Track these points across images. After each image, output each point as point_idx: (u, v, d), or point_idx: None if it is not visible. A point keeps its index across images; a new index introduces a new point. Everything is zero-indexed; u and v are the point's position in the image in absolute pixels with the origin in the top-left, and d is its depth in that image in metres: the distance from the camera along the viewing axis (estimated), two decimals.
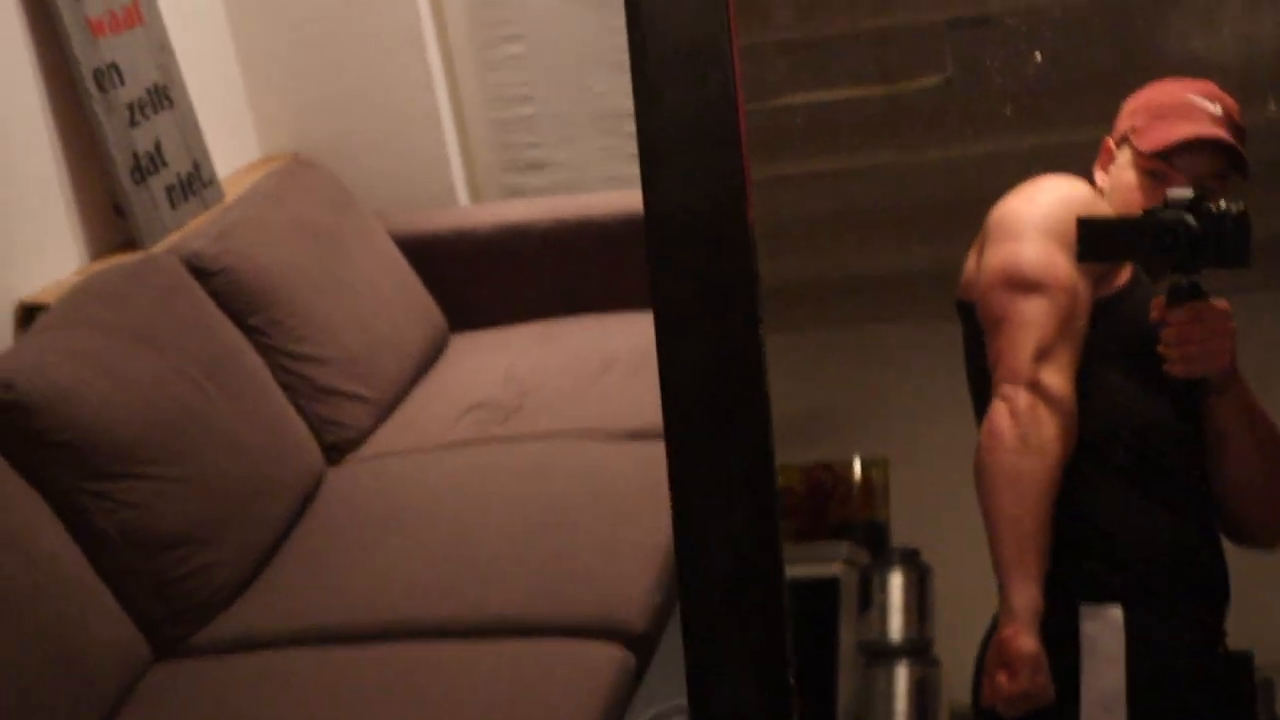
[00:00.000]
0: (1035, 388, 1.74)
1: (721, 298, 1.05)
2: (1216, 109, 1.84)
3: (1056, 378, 1.75)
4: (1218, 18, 2.01)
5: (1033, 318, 1.79)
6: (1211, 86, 1.86)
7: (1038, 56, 1.91)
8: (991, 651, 1.69)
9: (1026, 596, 1.67)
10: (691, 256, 1.04)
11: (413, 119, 3.68)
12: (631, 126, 3.77)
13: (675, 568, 1.06)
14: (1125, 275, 1.87)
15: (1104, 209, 1.92)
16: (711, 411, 1.05)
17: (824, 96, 3.04)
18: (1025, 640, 1.66)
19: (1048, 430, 1.73)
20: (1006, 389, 1.76)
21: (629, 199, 3.46)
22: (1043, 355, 1.77)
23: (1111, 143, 1.92)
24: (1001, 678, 1.67)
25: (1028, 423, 1.73)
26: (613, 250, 3.42)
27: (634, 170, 3.79)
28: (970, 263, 1.91)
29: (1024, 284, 1.82)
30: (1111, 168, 1.91)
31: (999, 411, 1.76)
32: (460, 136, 3.80)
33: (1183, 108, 1.83)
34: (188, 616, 2.45)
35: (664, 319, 1.05)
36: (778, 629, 1.05)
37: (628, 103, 3.86)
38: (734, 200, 1.03)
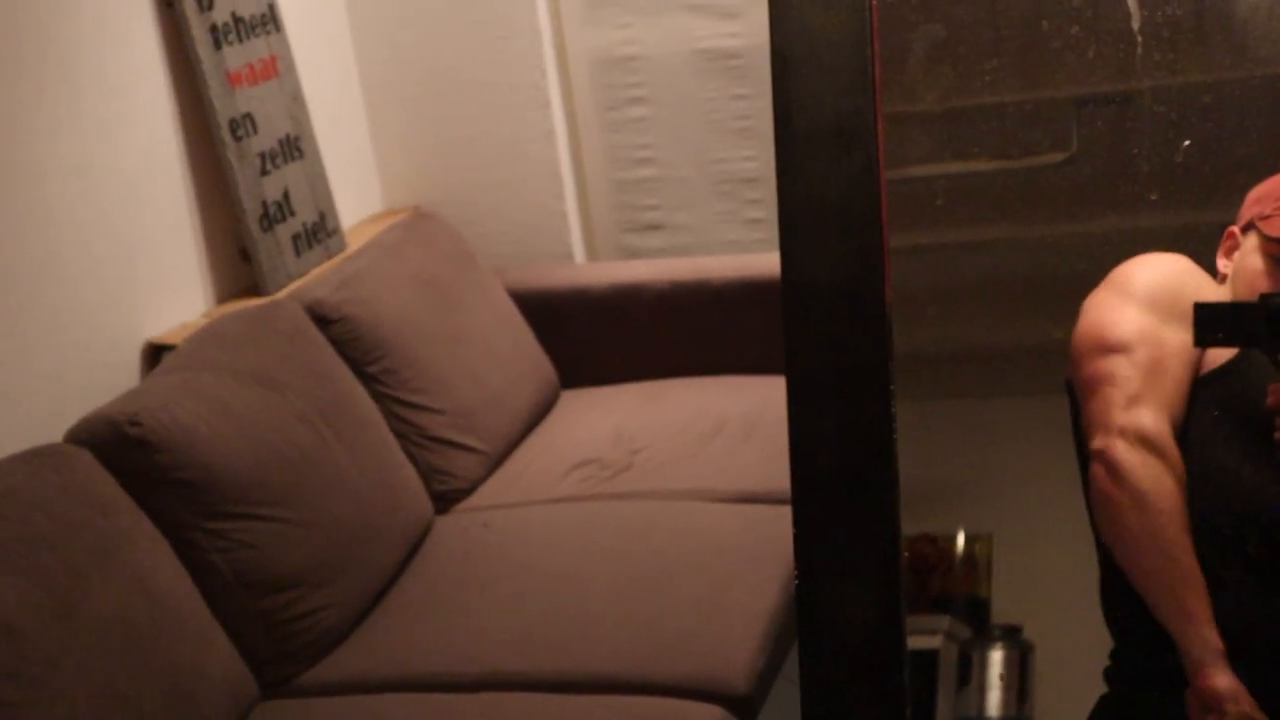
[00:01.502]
0: (1127, 433, 1.73)
1: (856, 373, 1.06)
2: None
3: (1149, 417, 1.73)
4: None
5: (1116, 372, 1.78)
6: None
7: (1186, 143, 1.90)
8: (1191, 704, 1.67)
9: (1200, 641, 1.65)
10: (828, 330, 1.06)
11: (534, 176, 3.74)
12: (750, 192, 3.84)
13: (799, 639, 1.06)
14: (1231, 350, 1.85)
15: (1195, 276, 1.89)
16: (841, 486, 1.06)
17: (947, 169, 3.04)
18: (1219, 679, 1.63)
19: (1154, 470, 1.70)
20: (1098, 445, 1.74)
21: (745, 263, 3.48)
22: (1131, 403, 1.75)
23: (1236, 230, 1.91)
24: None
25: (1131, 471, 1.71)
26: (727, 314, 3.44)
27: (750, 235, 3.86)
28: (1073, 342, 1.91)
29: (1104, 346, 1.82)
30: (1236, 254, 1.90)
31: (1098, 474, 1.75)
32: (580, 195, 3.85)
33: None
34: (296, 657, 2.49)
35: (797, 390, 1.07)
36: (899, 705, 1.06)
37: (747, 168, 3.94)
38: (872, 277, 1.04)
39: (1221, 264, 1.92)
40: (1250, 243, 1.87)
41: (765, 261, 3.46)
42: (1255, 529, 1.81)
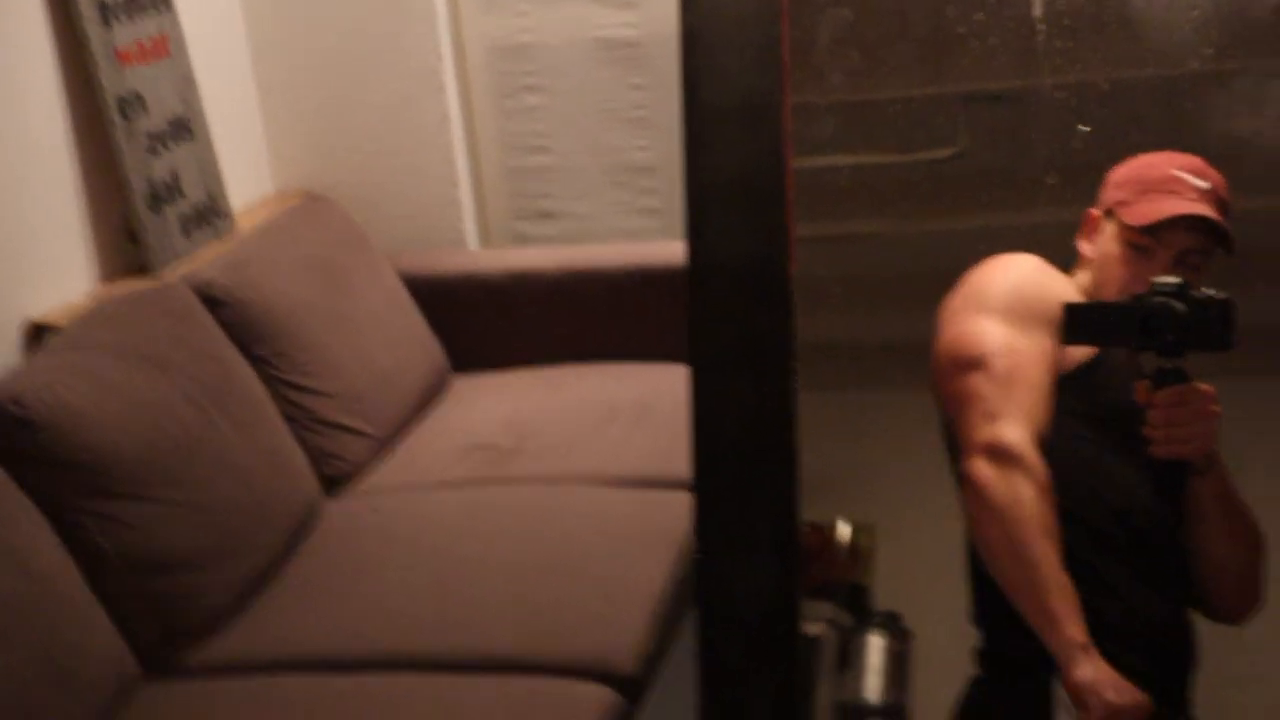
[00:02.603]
0: (987, 450, 1.76)
1: (758, 351, 1.07)
2: (1204, 184, 1.86)
3: (1007, 429, 1.76)
4: (1262, 100, 2.03)
5: (973, 391, 1.80)
6: (1199, 162, 1.88)
7: (1085, 128, 1.93)
8: (1068, 699, 1.69)
9: (1063, 641, 1.68)
10: (731, 306, 1.07)
11: (428, 162, 3.72)
12: (644, 181, 3.86)
13: (697, 614, 1.08)
14: (1091, 350, 1.89)
15: (1048, 276, 1.93)
16: (741, 462, 1.08)
17: (837, 161, 3.08)
18: (1080, 671, 1.66)
19: (1011, 482, 1.73)
20: (967, 465, 1.77)
21: (638, 252, 3.50)
22: (989, 419, 1.77)
23: (1097, 214, 1.94)
24: (1080, 717, 1.67)
25: (988, 487, 1.74)
26: (619, 301, 3.46)
27: (644, 224, 3.88)
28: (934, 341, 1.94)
29: (961, 363, 1.84)
30: (1097, 238, 1.93)
31: (966, 491, 1.78)
32: (474, 181, 3.84)
33: (1170, 182, 1.85)
34: (180, 638, 2.47)
35: (700, 367, 1.08)
36: (791, 682, 1.07)
37: (642, 158, 3.96)
38: (777, 254, 1.05)
39: (1083, 248, 1.95)
40: (1110, 229, 1.90)
41: (659, 250, 3.48)
42: (1126, 522, 1.85)
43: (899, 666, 2.84)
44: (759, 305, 1.11)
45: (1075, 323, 1.76)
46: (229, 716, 2.30)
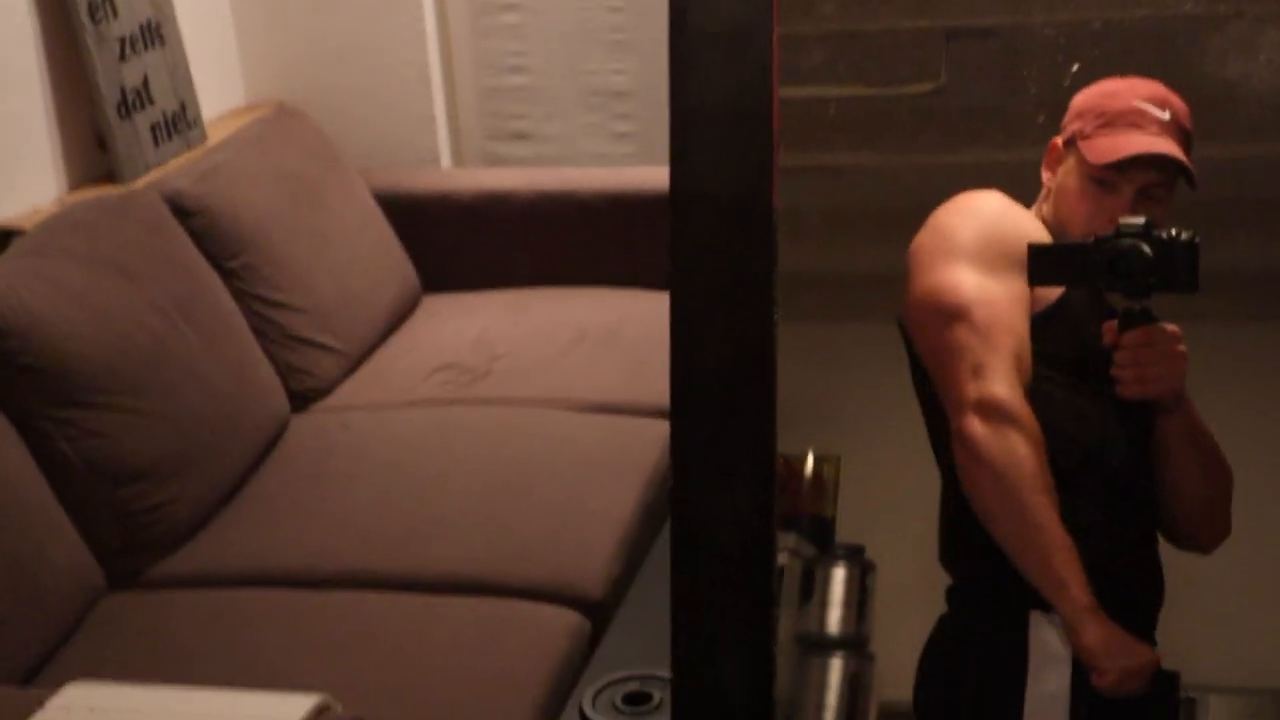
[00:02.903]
0: (978, 406, 1.75)
1: (739, 276, 1.06)
2: (1165, 115, 1.83)
3: (997, 385, 1.75)
4: (1255, 46, 2.02)
5: (957, 343, 1.79)
6: (1160, 89, 1.86)
7: (1075, 67, 1.91)
8: (1053, 645, 1.71)
9: (1070, 603, 1.68)
10: (714, 233, 1.06)
11: (402, 78, 3.68)
12: (619, 106, 3.83)
13: (671, 541, 1.08)
14: (1057, 290, 1.88)
15: (1014, 214, 1.92)
16: (720, 390, 1.07)
17: (821, 93, 3.06)
18: (1090, 635, 1.66)
19: (1007, 440, 1.73)
20: (955, 425, 1.77)
21: (612, 176, 3.48)
22: (977, 373, 1.76)
23: (1060, 142, 1.92)
24: (1095, 679, 1.69)
25: (985, 447, 1.73)
26: (591, 226, 3.44)
27: (618, 149, 3.85)
28: (903, 292, 1.92)
29: (942, 314, 1.82)
30: (1059, 168, 1.91)
31: (958, 451, 1.77)
32: (448, 100, 3.80)
33: (1132, 115, 1.83)
34: (145, 549, 2.45)
35: (680, 293, 1.07)
36: (767, 607, 1.07)
37: (618, 81, 3.93)
38: (761, 182, 1.04)
39: (1046, 177, 1.94)
40: (1071, 161, 1.89)
41: (632, 175, 3.46)
42: (1095, 461, 1.86)
43: (862, 599, 2.85)
44: (742, 233, 1.10)
45: (1040, 265, 1.76)
46: (193, 629, 2.30)
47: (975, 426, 1.73)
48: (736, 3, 1.08)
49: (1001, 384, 1.74)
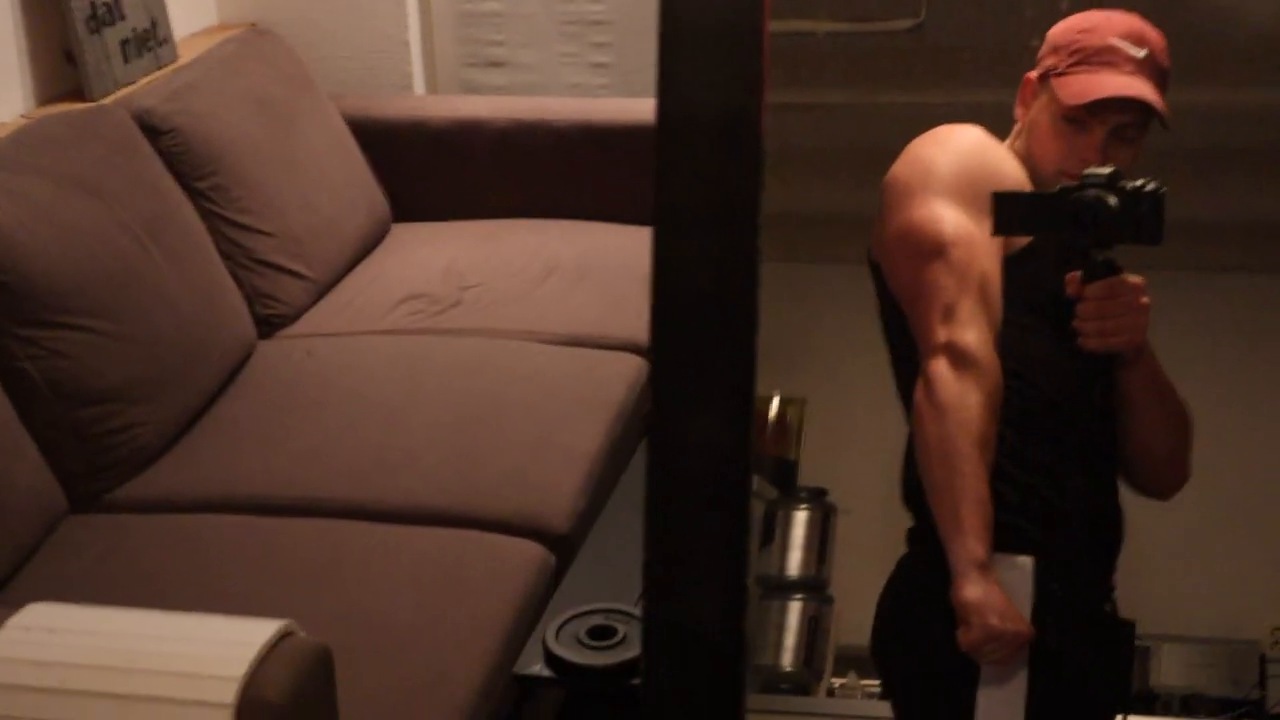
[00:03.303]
0: (947, 350, 1.74)
1: (726, 199, 1.05)
2: (1141, 53, 1.81)
3: (967, 332, 1.74)
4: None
5: (932, 283, 1.78)
6: (1137, 24, 1.84)
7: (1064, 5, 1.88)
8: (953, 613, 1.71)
9: (962, 552, 1.68)
10: (701, 155, 1.04)
11: (377, 2, 3.63)
12: (596, 36, 3.79)
13: (648, 465, 1.07)
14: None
15: (992, 151, 1.90)
16: (702, 313, 1.06)
17: (794, 27, 3.02)
18: (968, 590, 1.66)
19: (962, 385, 1.72)
20: (926, 363, 1.76)
21: (587, 107, 3.44)
22: (948, 316, 1.75)
23: (1034, 77, 1.90)
24: (961, 633, 1.69)
25: (941, 387, 1.73)
26: (566, 157, 3.41)
27: (594, 80, 3.82)
28: (877, 225, 1.91)
29: (918, 251, 1.81)
30: (1033, 103, 1.89)
31: (919, 386, 1.77)
32: (424, 25, 3.75)
33: (1106, 52, 1.81)
34: (107, 472, 2.43)
35: (665, 215, 1.05)
36: (742, 537, 1.07)
37: (595, 10, 3.89)
38: (749, 105, 1.03)
39: (1019, 112, 1.92)
40: (1045, 97, 1.86)
41: (608, 106, 3.43)
42: (1059, 407, 1.86)
43: (823, 543, 2.86)
44: (729, 155, 1.08)
45: (1005, 213, 1.74)
46: (155, 554, 2.28)
47: (940, 368, 1.73)
48: None
49: (970, 330, 1.74)
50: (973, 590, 1.66)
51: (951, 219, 1.80)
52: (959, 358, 1.73)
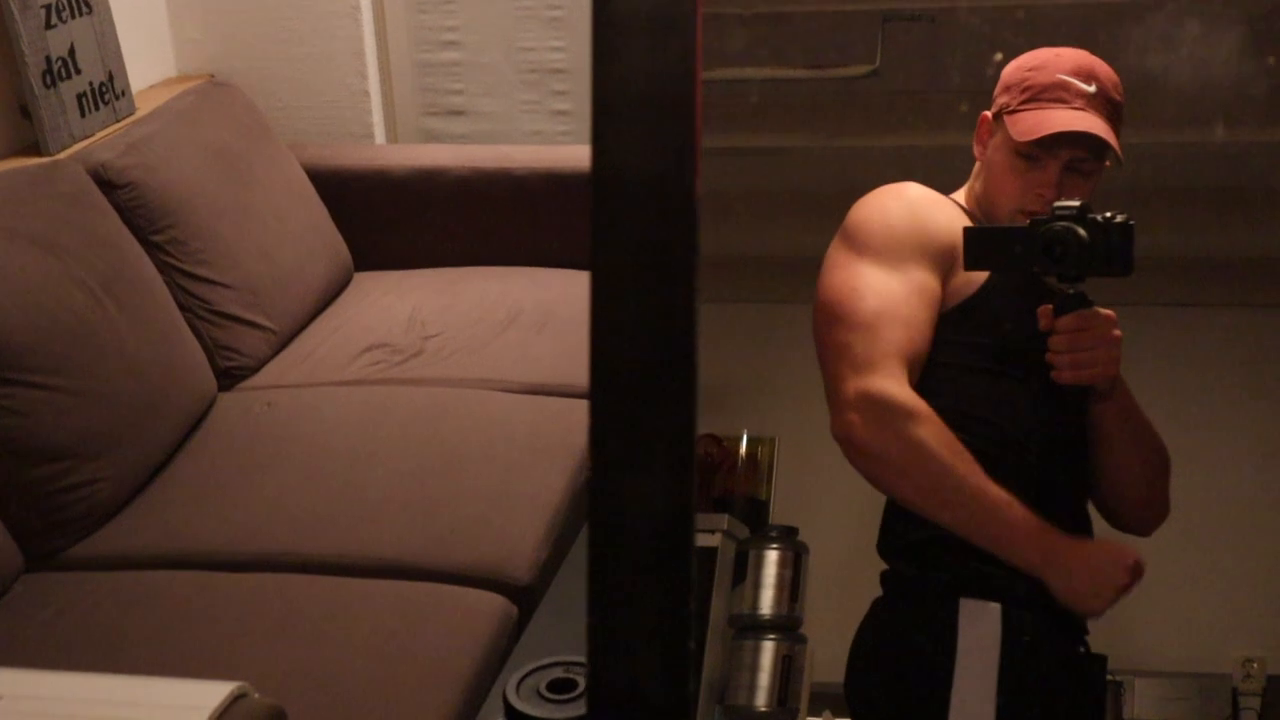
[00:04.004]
0: (861, 405, 1.70)
1: (661, 266, 1.04)
2: (1091, 88, 1.82)
3: (882, 381, 1.71)
4: (1177, 40, 2.01)
5: (841, 343, 1.76)
6: (1086, 60, 1.85)
7: (998, 56, 1.90)
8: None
9: (1026, 549, 1.71)
10: (635, 221, 1.04)
11: (336, 52, 3.63)
12: (556, 84, 3.79)
13: (589, 530, 1.06)
14: (982, 277, 1.87)
15: (929, 206, 1.90)
16: (640, 376, 1.05)
17: (756, 74, 3.04)
18: (1069, 578, 1.69)
19: (905, 431, 1.71)
20: (839, 422, 1.73)
21: (548, 154, 3.45)
22: (859, 370, 1.74)
23: (989, 116, 1.91)
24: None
25: (874, 443, 1.71)
26: (527, 204, 3.41)
27: (554, 127, 3.82)
28: None
29: (829, 315, 1.81)
30: (989, 142, 1.90)
31: (849, 454, 1.74)
32: (383, 74, 3.75)
33: (1055, 88, 1.82)
34: (64, 529, 2.41)
35: (601, 280, 1.05)
36: (684, 599, 1.06)
37: (555, 58, 3.89)
38: (684, 169, 1.02)
39: (977, 151, 1.93)
40: (1000, 135, 1.87)
41: (568, 153, 3.44)
42: (1024, 451, 1.85)
43: (795, 581, 2.85)
44: (662, 219, 1.08)
45: (975, 248, 1.74)
46: (111, 611, 2.25)
47: (855, 426, 1.71)
48: None
49: (884, 378, 1.72)
50: (1067, 569, 1.69)
51: (869, 276, 1.79)
52: (873, 406, 1.71)
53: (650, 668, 1.06)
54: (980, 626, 1.73)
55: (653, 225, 1.06)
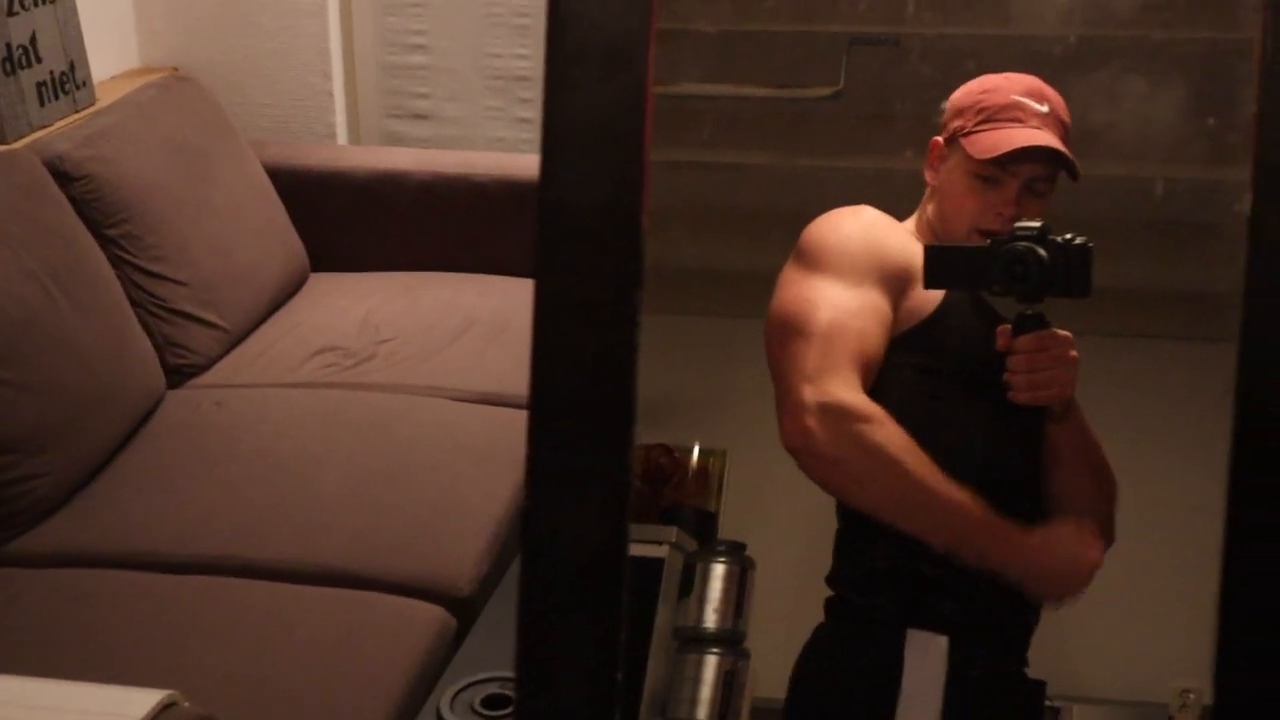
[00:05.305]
0: (818, 411, 1.70)
1: (604, 298, 1.04)
2: (1044, 108, 1.84)
3: (836, 387, 1.72)
4: (1119, 92, 2.03)
5: (795, 354, 1.76)
6: (1036, 83, 1.86)
7: (944, 106, 1.90)
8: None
9: (986, 546, 1.72)
10: (579, 252, 1.04)
11: (301, 50, 3.61)
12: (522, 91, 3.79)
13: (521, 552, 1.06)
14: (933, 303, 1.88)
15: (883, 228, 1.91)
16: (578, 406, 1.05)
17: (718, 91, 3.05)
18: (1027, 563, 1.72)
19: (867, 430, 1.72)
20: (789, 434, 1.73)
21: (511, 162, 3.44)
22: (813, 379, 1.74)
23: (941, 141, 1.92)
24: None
25: (834, 446, 1.71)
26: (487, 211, 3.40)
27: (518, 134, 3.82)
28: None
29: (784, 327, 1.81)
30: (941, 166, 1.91)
31: (805, 462, 1.74)
32: (347, 75, 3.74)
33: (1012, 109, 1.83)
34: (3, 524, 2.38)
35: (544, 308, 1.05)
36: (613, 631, 1.06)
37: (521, 66, 3.88)
38: (630, 203, 1.02)
39: (929, 176, 1.94)
40: (955, 158, 1.88)
41: (531, 162, 3.40)
42: (980, 474, 1.86)
43: (740, 597, 2.86)
44: (607, 252, 1.08)
45: (936, 266, 1.75)
46: (46, 610, 2.23)
47: (812, 432, 1.70)
48: (615, 21, 1.06)
49: (839, 384, 1.72)
50: (1036, 560, 1.70)
51: (821, 294, 1.79)
52: (830, 412, 1.71)
53: (577, 699, 1.05)
54: (926, 658, 1.73)
55: (597, 257, 1.05)
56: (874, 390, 1.80)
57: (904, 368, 1.83)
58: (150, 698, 1.58)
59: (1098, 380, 2.06)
